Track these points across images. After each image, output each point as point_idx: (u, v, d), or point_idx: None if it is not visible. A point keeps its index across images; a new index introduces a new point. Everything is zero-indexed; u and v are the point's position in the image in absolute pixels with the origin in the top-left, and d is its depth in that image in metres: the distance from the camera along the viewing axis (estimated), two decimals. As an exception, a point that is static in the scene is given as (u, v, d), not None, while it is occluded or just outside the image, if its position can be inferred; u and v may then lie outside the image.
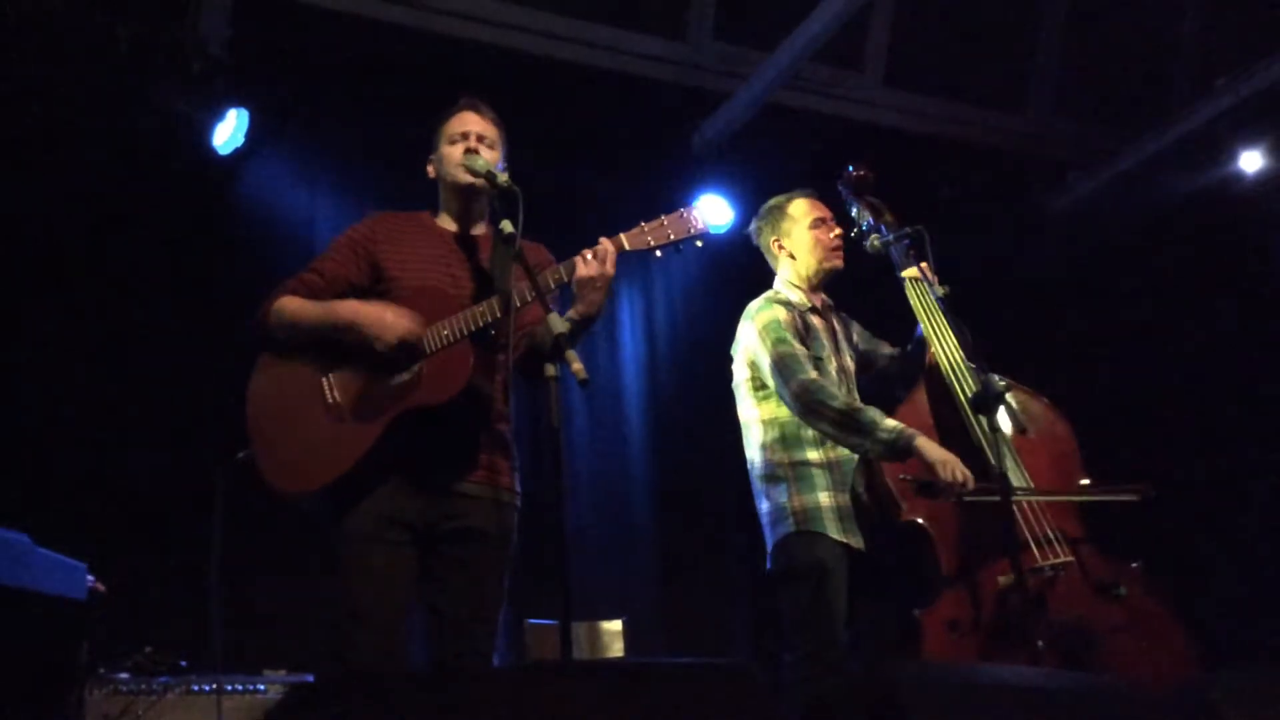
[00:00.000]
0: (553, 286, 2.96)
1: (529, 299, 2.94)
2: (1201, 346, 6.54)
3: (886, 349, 3.96)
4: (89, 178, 5.07)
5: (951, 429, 3.57)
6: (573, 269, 2.94)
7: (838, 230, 3.81)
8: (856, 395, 3.71)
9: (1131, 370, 6.56)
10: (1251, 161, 6.34)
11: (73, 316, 5.02)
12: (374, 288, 3.14)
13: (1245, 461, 6.26)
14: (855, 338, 3.92)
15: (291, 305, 3.07)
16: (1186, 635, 3.46)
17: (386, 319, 2.95)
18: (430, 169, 3.30)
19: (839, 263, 3.80)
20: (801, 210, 3.83)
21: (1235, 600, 5.98)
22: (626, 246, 3.01)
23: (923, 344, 3.81)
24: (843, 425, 3.42)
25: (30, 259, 5.00)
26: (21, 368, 4.88)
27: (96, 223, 5.11)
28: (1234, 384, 6.44)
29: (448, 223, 3.26)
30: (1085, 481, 3.66)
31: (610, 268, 2.95)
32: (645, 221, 3.05)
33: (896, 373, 3.90)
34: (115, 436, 4.91)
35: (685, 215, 3.05)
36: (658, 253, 3.05)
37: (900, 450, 3.36)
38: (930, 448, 3.36)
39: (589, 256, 2.95)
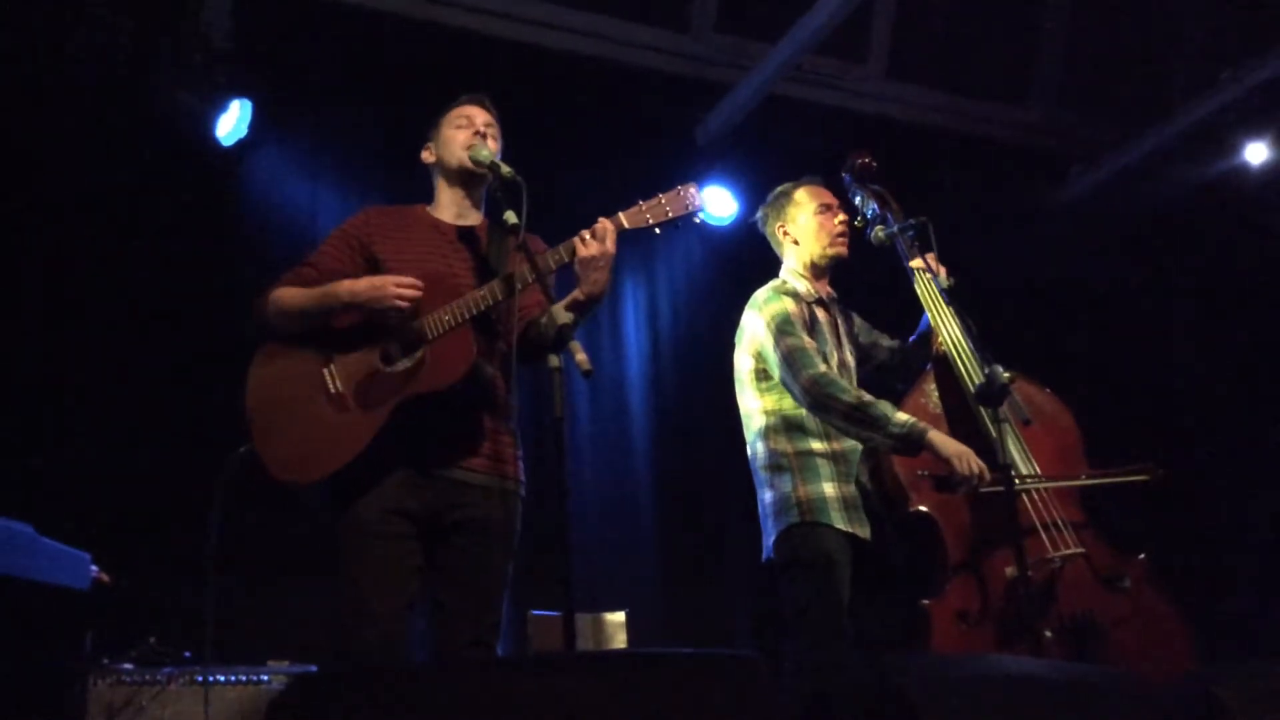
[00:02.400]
0: (553, 267, 2.96)
1: (530, 281, 2.94)
2: (1206, 340, 6.53)
3: (886, 341, 3.96)
4: (91, 169, 5.06)
5: (960, 419, 3.58)
6: (573, 250, 2.94)
7: (843, 217, 3.81)
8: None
9: (1134, 364, 6.56)
10: (1257, 154, 6.32)
11: (75, 307, 5.02)
12: None
13: (1249, 456, 6.26)
14: (856, 330, 3.92)
15: (287, 294, 3.06)
16: (1188, 628, 3.47)
17: (388, 287, 2.94)
18: (427, 154, 3.29)
19: (844, 250, 3.79)
20: (807, 197, 3.82)
21: (1241, 595, 5.99)
22: (626, 225, 3.01)
23: (926, 337, 3.81)
24: (854, 419, 3.41)
25: (32, 250, 4.99)
26: (25, 358, 4.87)
27: (99, 214, 5.10)
28: (1238, 379, 6.43)
29: (444, 213, 3.26)
30: (1088, 471, 3.66)
31: (611, 245, 2.95)
32: (643, 200, 3.04)
33: (896, 365, 3.91)
34: (119, 426, 4.91)
35: (683, 193, 3.05)
36: (657, 230, 3.04)
37: (913, 444, 3.36)
38: (944, 441, 3.35)
39: (588, 237, 2.95)
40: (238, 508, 3.90)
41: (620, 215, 3.02)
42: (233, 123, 5.28)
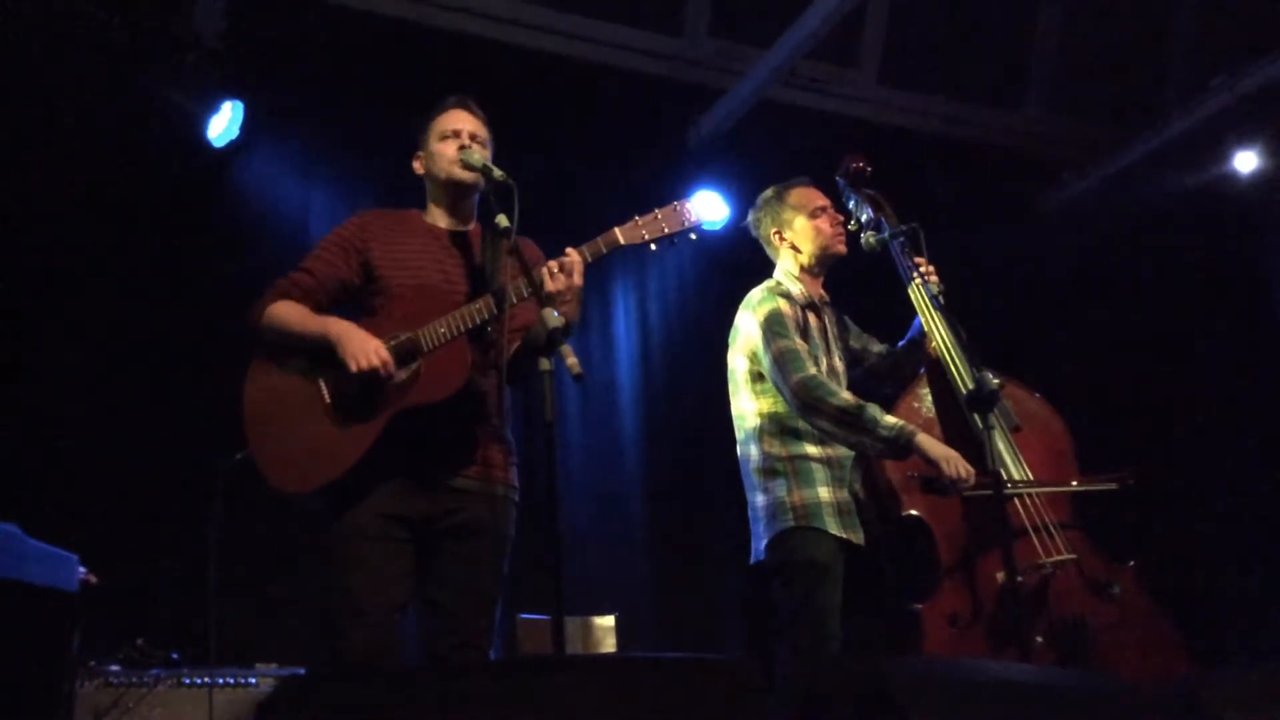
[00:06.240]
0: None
1: (525, 295, 2.93)
2: (1195, 346, 6.55)
3: (876, 346, 3.96)
4: (83, 171, 5.05)
5: (953, 423, 3.58)
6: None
7: (839, 218, 3.81)
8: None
9: (1125, 369, 6.57)
10: (1246, 162, 6.33)
11: (66, 308, 5.00)
12: (366, 286, 3.13)
13: (1238, 459, 6.28)
14: (848, 334, 3.92)
15: (282, 311, 3.06)
16: (1178, 635, 3.48)
17: (359, 347, 2.91)
18: (418, 165, 3.29)
19: (842, 248, 3.79)
20: (801, 200, 3.82)
21: (1236, 599, 6.01)
22: (621, 241, 3.01)
23: (916, 341, 3.81)
24: (843, 422, 3.41)
25: (23, 250, 4.97)
26: (15, 359, 4.86)
27: (91, 215, 5.08)
28: (1228, 383, 6.45)
29: (437, 220, 3.26)
30: (1078, 477, 3.67)
31: (578, 279, 2.93)
32: (639, 215, 3.04)
33: (886, 370, 3.91)
34: (108, 427, 4.89)
35: (679, 208, 3.05)
36: (652, 246, 3.04)
37: (901, 448, 3.36)
38: (931, 445, 3.36)
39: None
40: (227, 511, 3.90)
41: (616, 231, 3.02)
42: (224, 124, 5.26)
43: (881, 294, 4.04)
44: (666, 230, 3.03)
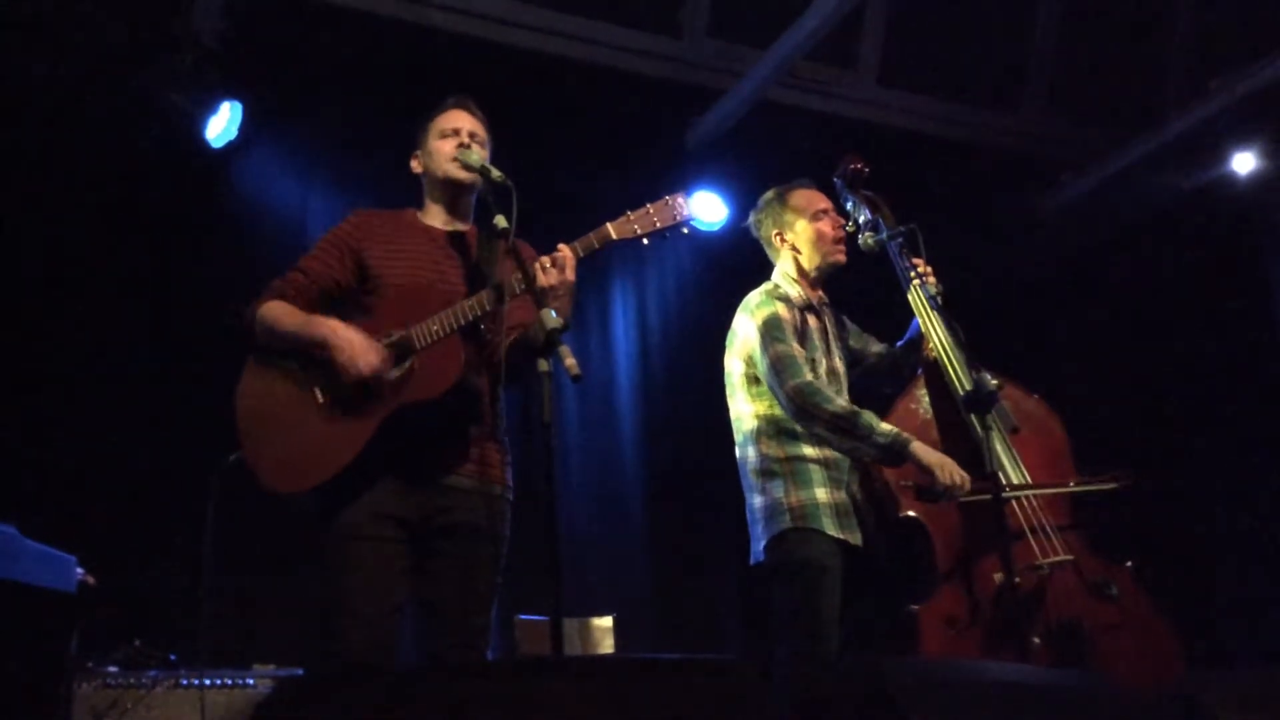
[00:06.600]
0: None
1: (518, 292, 2.93)
2: (1195, 346, 6.56)
3: (876, 346, 3.96)
4: (81, 171, 5.05)
5: (951, 424, 3.58)
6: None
7: (841, 220, 3.81)
8: (847, 397, 3.70)
9: (1124, 371, 6.58)
10: (1245, 163, 6.33)
11: (63, 308, 5.00)
12: (361, 286, 3.13)
13: (1238, 459, 6.28)
14: (847, 334, 3.91)
15: (275, 312, 3.05)
16: (1175, 636, 3.47)
17: (355, 351, 2.90)
18: (416, 164, 3.29)
19: (842, 258, 3.79)
20: (803, 202, 3.81)
21: (1236, 599, 6.01)
22: (613, 236, 3.00)
23: (915, 342, 3.81)
24: (838, 429, 3.41)
25: (21, 251, 4.97)
26: (15, 359, 4.85)
27: (88, 215, 5.09)
28: (1228, 384, 6.46)
29: (434, 219, 3.25)
30: (1075, 478, 3.67)
31: (570, 274, 2.92)
32: (631, 210, 3.04)
33: (885, 370, 3.90)
34: (107, 428, 4.89)
35: (671, 202, 3.04)
36: (645, 241, 3.03)
37: (895, 454, 3.36)
38: (925, 452, 3.36)
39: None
40: (224, 512, 3.89)
41: (608, 226, 3.01)
42: (223, 125, 5.25)
43: (880, 294, 4.04)
44: (658, 224, 3.02)
